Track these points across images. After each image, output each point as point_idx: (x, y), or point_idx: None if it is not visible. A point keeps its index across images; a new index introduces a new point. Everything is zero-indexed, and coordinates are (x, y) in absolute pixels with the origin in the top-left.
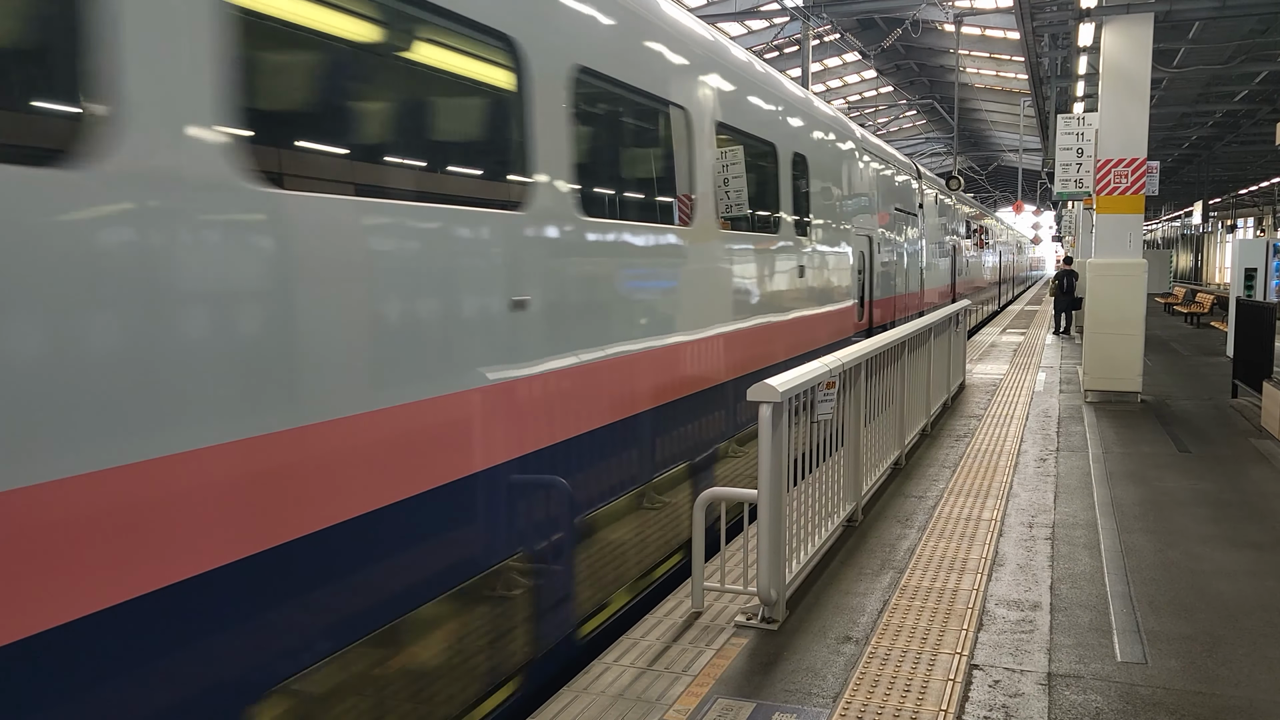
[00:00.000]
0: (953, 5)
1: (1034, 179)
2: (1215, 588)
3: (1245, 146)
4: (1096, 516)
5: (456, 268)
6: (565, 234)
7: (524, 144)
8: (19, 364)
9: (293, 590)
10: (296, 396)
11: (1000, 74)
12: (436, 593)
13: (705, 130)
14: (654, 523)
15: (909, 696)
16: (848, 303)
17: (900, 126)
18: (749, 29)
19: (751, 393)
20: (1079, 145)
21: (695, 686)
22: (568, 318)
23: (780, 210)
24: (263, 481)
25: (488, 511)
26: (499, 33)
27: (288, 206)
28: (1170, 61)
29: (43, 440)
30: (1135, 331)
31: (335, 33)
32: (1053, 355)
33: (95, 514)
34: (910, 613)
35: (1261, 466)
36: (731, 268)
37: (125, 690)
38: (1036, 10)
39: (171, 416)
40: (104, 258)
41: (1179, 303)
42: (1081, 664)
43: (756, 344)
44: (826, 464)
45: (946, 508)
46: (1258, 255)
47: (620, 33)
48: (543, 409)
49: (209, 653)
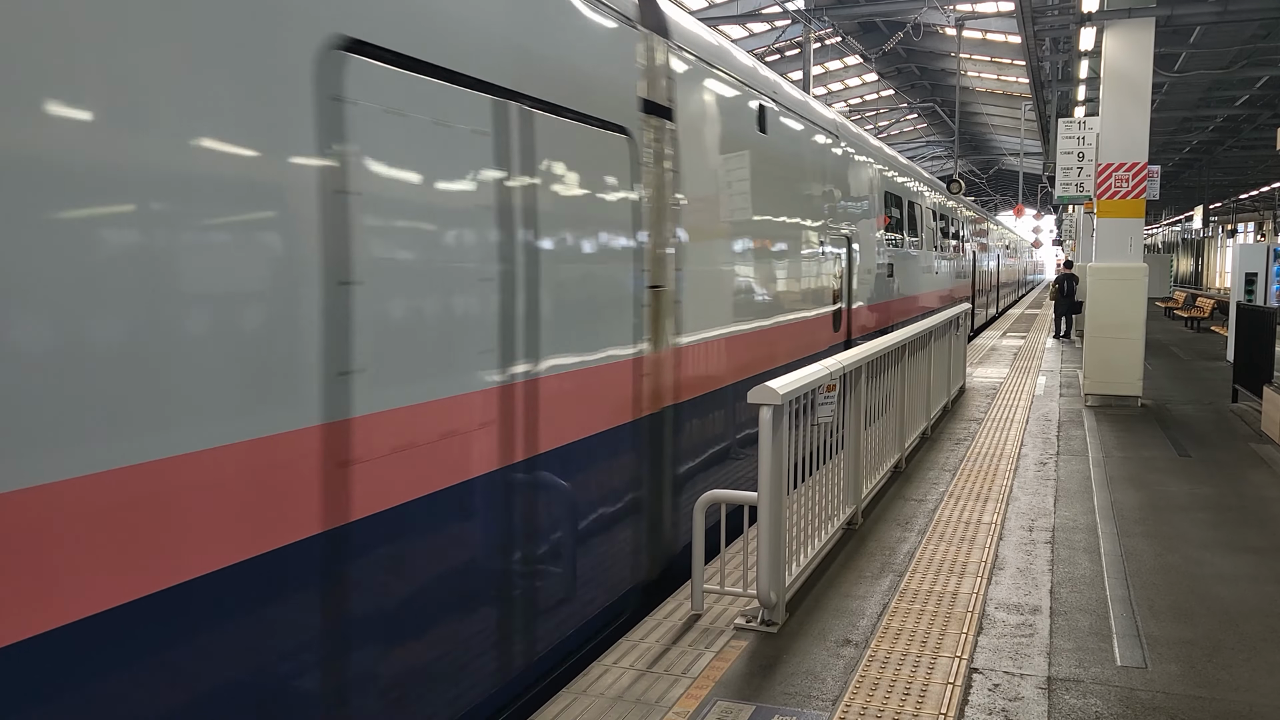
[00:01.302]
0: (954, 9)
1: (1035, 183)
2: (1215, 592)
3: (1246, 151)
4: (1096, 520)
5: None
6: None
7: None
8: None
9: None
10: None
11: (1001, 78)
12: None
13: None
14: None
15: (908, 700)
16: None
17: (901, 130)
18: (750, 32)
19: (752, 395)
20: (1080, 149)
21: (695, 689)
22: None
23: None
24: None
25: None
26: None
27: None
28: (1171, 66)
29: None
30: (1136, 336)
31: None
32: (1053, 359)
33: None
34: (910, 616)
35: (1262, 471)
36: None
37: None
38: (1038, 14)
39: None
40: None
41: (1179, 307)
42: (1081, 668)
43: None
44: (826, 467)
45: (946, 511)
46: (1258, 260)
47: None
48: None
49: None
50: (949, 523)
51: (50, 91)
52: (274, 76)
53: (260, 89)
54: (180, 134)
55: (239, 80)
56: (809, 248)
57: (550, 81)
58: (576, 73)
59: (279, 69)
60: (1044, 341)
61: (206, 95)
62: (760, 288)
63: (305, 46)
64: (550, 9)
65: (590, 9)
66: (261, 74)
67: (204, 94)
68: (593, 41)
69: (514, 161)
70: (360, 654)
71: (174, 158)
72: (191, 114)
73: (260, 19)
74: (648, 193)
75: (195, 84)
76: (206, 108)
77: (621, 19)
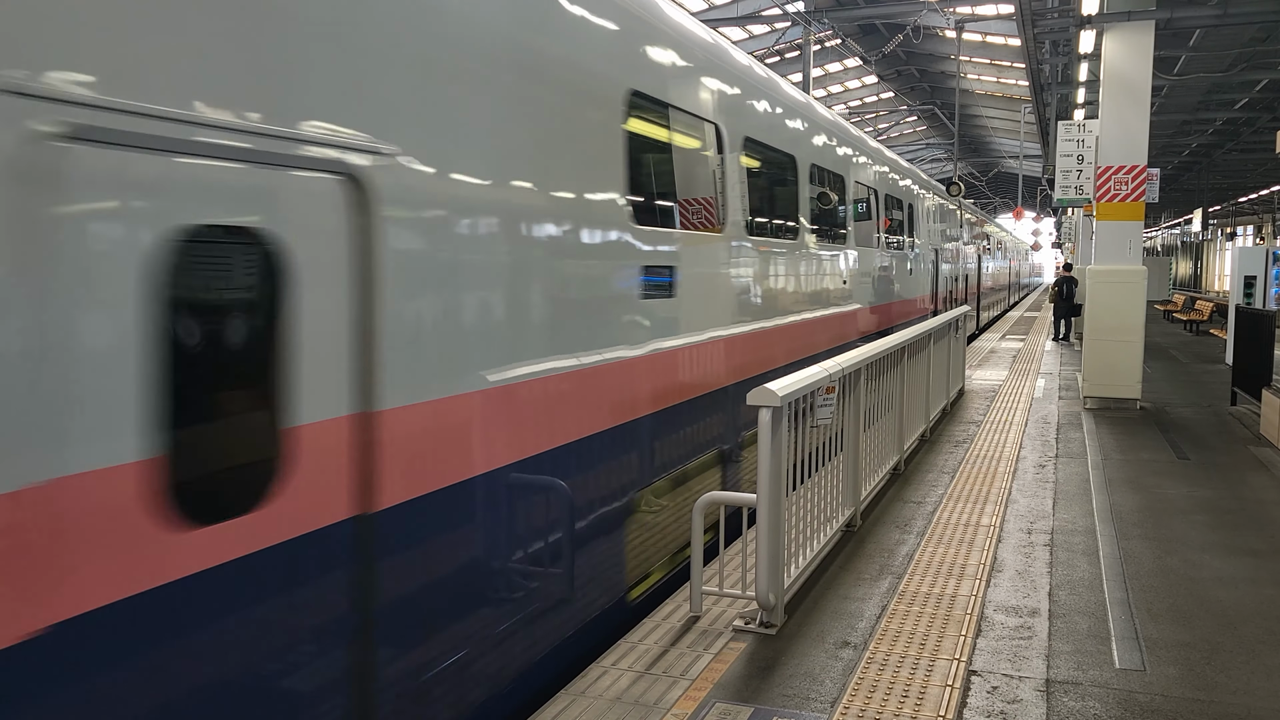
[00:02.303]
0: (954, 12)
1: (1034, 185)
2: (1214, 595)
3: (1245, 154)
4: (1095, 523)
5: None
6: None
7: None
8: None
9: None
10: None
11: (1001, 80)
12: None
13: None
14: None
15: (907, 702)
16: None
17: (901, 132)
18: (750, 34)
19: (751, 397)
20: (1079, 152)
21: (693, 691)
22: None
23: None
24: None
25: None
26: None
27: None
28: (1171, 69)
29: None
30: (1135, 338)
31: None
32: (1052, 361)
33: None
34: (909, 618)
35: (1260, 474)
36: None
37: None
38: (1038, 17)
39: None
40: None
41: (1178, 310)
42: (1080, 671)
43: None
44: (825, 469)
45: (945, 513)
46: (1257, 263)
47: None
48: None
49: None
50: (948, 525)
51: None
52: (614, 110)
53: (604, 115)
54: (580, 170)
55: (598, 129)
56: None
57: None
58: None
59: (611, 107)
60: (1043, 344)
61: (589, 143)
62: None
63: (619, 94)
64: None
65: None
66: (606, 111)
67: (588, 143)
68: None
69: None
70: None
71: (581, 188)
72: (583, 158)
73: (609, 90)
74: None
75: (589, 139)
76: (590, 151)
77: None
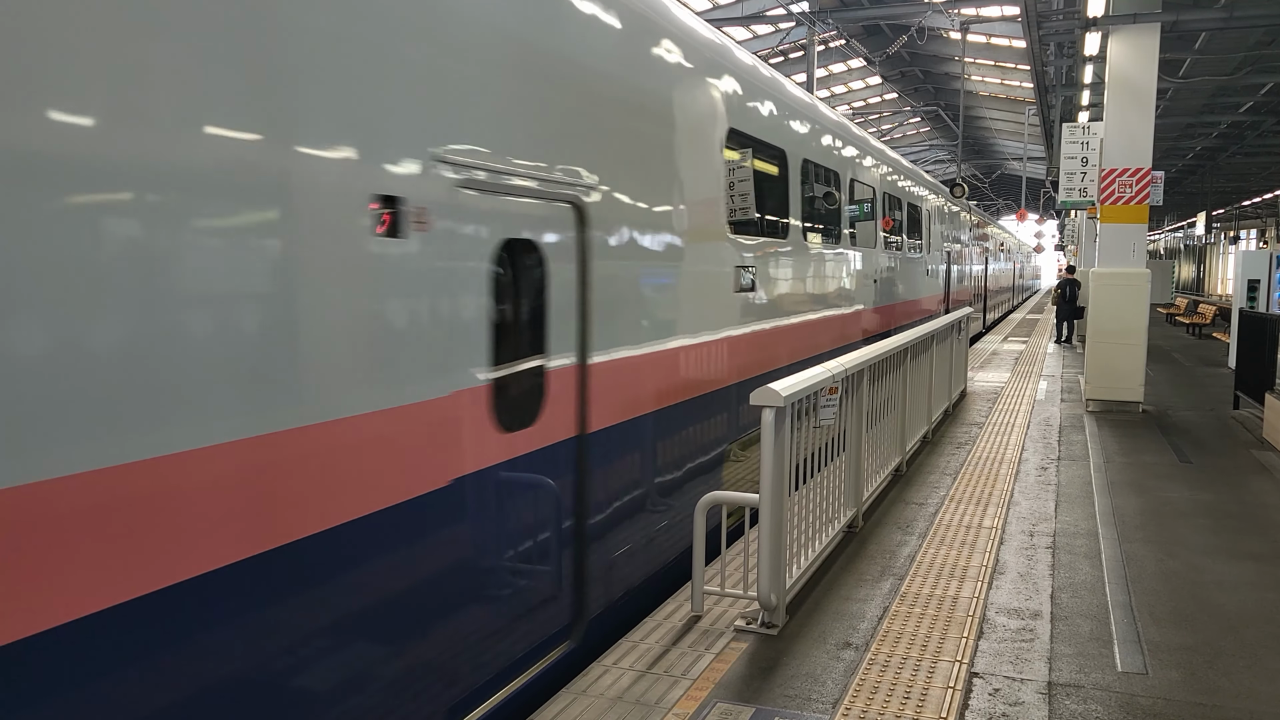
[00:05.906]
0: (958, 13)
1: (1038, 187)
2: (1216, 599)
3: (1249, 158)
4: (1098, 526)
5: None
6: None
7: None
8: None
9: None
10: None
11: (1005, 82)
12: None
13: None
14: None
15: (909, 703)
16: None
17: (905, 133)
18: (754, 34)
19: (755, 397)
20: (1084, 154)
21: (694, 690)
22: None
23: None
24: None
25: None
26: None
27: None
28: (1176, 72)
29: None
30: (1137, 341)
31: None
32: (1054, 364)
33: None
34: (910, 620)
35: (1263, 478)
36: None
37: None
38: (1043, 19)
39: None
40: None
41: (1181, 313)
42: (1082, 673)
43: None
44: (828, 469)
45: (947, 515)
46: (1261, 267)
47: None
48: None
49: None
50: (950, 526)
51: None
52: (717, 146)
53: (711, 153)
54: (703, 192)
55: (709, 151)
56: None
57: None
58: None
59: (718, 143)
60: (1045, 346)
61: (707, 172)
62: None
63: (723, 133)
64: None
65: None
66: (714, 146)
67: (706, 171)
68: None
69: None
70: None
71: (687, 204)
72: (704, 183)
73: (719, 130)
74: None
75: (706, 168)
76: (707, 177)
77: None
